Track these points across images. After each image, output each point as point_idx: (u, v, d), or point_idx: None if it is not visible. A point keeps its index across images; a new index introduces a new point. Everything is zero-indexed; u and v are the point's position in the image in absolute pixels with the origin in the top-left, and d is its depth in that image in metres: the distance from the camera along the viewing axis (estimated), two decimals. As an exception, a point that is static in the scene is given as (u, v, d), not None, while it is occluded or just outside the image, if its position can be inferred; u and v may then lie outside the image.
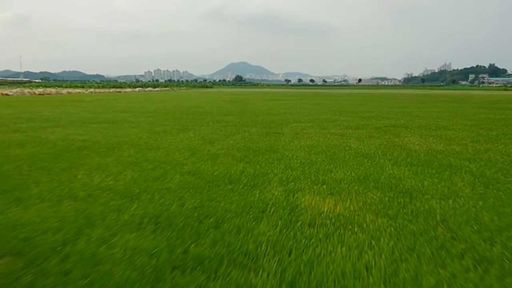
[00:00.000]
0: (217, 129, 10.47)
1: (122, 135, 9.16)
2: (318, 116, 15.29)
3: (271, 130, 10.42)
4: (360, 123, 12.21)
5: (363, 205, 3.73)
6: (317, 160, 6.04)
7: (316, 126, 11.35)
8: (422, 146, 7.49)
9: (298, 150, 7.00)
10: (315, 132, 10.05)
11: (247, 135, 9.27)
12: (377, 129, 10.56)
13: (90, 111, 16.71)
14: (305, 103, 25.84)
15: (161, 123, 12.21)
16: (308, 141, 8.21)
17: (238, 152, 6.84)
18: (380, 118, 14.73)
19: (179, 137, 8.94)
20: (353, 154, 6.63)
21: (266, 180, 4.69)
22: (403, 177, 4.87)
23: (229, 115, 15.75)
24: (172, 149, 7.23)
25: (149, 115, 15.09)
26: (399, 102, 28.81)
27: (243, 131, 10.16)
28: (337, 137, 8.95)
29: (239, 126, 11.40)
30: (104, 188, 4.38)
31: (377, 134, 9.47)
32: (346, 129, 10.58)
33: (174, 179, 4.77)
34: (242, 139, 8.60)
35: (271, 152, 6.77)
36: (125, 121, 12.56)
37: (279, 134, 9.49)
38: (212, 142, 8.14)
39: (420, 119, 14.19)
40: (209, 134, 9.40)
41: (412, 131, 10.08)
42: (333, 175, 4.96)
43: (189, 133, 9.71)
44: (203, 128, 10.83)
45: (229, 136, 9.16)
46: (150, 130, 10.34)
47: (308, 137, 9.06)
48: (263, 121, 12.85)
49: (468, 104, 27.27)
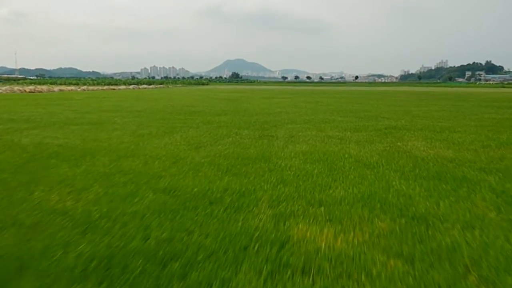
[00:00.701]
0: (207, 132, 9.75)
1: (102, 139, 8.42)
2: (314, 116, 14.59)
3: (264, 132, 9.71)
4: (359, 124, 11.52)
5: (370, 237, 3.03)
6: (313, 171, 5.33)
7: (313, 128, 10.65)
8: (429, 153, 6.80)
9: (292, 158, 6.29)
10: (312, 135, 9.35)
11: (238, 139, 8.56)
12: (377, 132, 9.87)
13: (76, 111, 15.91)
14: (302, 101, 25.11)
15: (148, 124, 11.46)
16: (304, 146, 7.51)
17: (225, 160, 6.13)
18: (380, 118, 14.05)
19: (164, 141, 8.21)
20: (353, 163, 5.93)
21: (253, 200, 3.98)
22: (413, 195, 4.17)
23: (221, 114, 15.01)
24: (153, 156, 6.51)
25: (137, 115, 14.33)
26: (397, 100, 28.14)
27: (234, 133, 9.44)
28: (336, 141, 8.26)
29: (231, 127, 10.68)
30: (59, 212, 3.66)
31: (378, 138, 8.78)
32: (344, 132, 9.89)
33: (145, 198, 4.05)
34: (232, 143, 7.89)
35: (262, 161, 6.06)
36: (110, 122, 11.80)
37: (272, 138, 8.79)
38: (199, 147, 7.42)
39: (422, 119, 13.53)
40: (197, 138, 8.68)
41: (416, 134, 9.40)
42: (332, 193, 4.25)
43: (176, 136, 8.98)
44: (192, 130, 10.10)
45: (218, 140, 8.44)
46: (134, 132, 9.60)
47: (304, 141, 8.36)
48: (256, 122, 12.13)
49: (468, 102, 26.65)
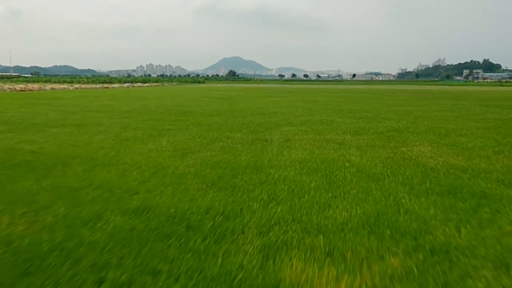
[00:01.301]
0: (196, 135, 9.10)
1: (81, 144, 7.76)
2: (312, 116, 13.97)
3: (258, 135, 9.08)
4: (359, 126, 10.90)
5: (381, 281, 2.40)
6: (310, 184, 4.70)
7: (310, 131, 10.02)
8: (438, 161, 6.18)
9: (287, 168, 5.66)
10: (309, 138, 8.73)
11: (229, 143, 7.92)
12: (379, 135, 9.25)
13: (62, 111, 15.20)
14: (299, 100, 24.48)
15: (135, 126, 10.80)
16: (300, 153, 6.88)
17: (212, 170, 5.49)
18: (380, 119, 13.44)
19: (148, 146, 7.56)
20: (355, 173, 5.30)
21: (238, 225, 3.34)
22: (428, 217, 3.55)
23: (214, 115, 14.36)
24: (132, 164, 5.86)
25: (125, 116, 13.65)
26: (396, 99, 27.56)
27: (226, 137, 8.80)
28: (335, 146, 7.63)
29: (223, 130, 10.03)
30: (2, 242, 3.01)
31: (380, 142, 8.17)
32: (344, 135, 9.27)
33: (111, 222, 3.40)
34: (222, 149, 7.25)
35: (253, 171, 5.43)
36: (95, 124, 11.12)
37: (266, 142, 8.15)
38: (185, 154, 6.77)
39: (424, 121, 12.93)
40: (185, 142, 8.03)
41: (420, 138, 8.79)
42: (333, 214, 3.62)
43: (162, 140, 8.32)
44: (181, 133, 9.45)
45: (207, 144, 7.80)
46: (118, 135, 8.94)
47: (300, 145, 7.73)
48: (250, 124, 11.49)
49: (469, 101, 26.10)
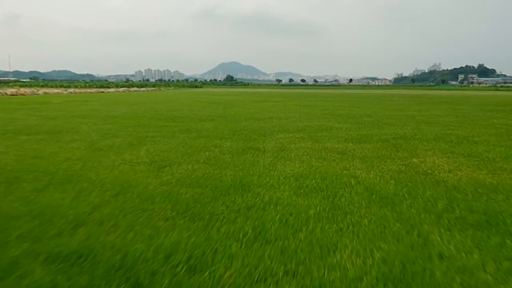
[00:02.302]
0: (182, 143, 8.13)
1: (45, 155, 6.77)
2: (309, 122, 13.02)
3: (250, 144, 8.11)
4: (361, 133, 9.95)
5: None
6: (309, 211, 3.72)
7: (308, 138, 9.07)
8: (460, 176, 5.22)
9: (280, 186, 4.69)
10: (307, 147, 7.77)
11: (217, 153, 6.95)
12: (384, 143, 8.30)
13: (43, 116, 14.19)
14: (295, 105, 23.57)
15: (116, 132, 9.81)
16: (297, 165, 5.92)
17: (189, 190, 4.51)
18: (382, 124, 12.52)
19: (122, 157, 6.58)
20: (364, 194, 4.33)
21: (207, 282, 2.36)
22: (474, 267, 2.55)
23: (206, 120, 13.41)
24: (95, 182, 4.88)
25: (110, 121, 12.67)
26: (396, 104, 26.71)
27: (214, 146, 7.83)
28: (336, 157, 6.67)
29: (212, 137, 9.07)
30: None
31: (387, 152, 7.22)
32: (345, 143, 8.32)
33: (25, 278, 2.41)
34: (207, 161, 6.28)
35: (238, 191, 4.45)
36: (73, 131, 10.13)
37: (259, 152, 7.19)
38: (163, 167, 5.79)
39: (430, 126, 12.02)
40: (166, 152, 7.05)
41: (431, 146, 7.85)
42: (340, 262, 2.63)
43: (141, 150, 7.34)
44: (165, 141, 8.47)
45: (192, 155, 6.82)
46: (93, 144, 7.96)
47: (297, 156, 6.77)
48: (243, 130, 10.54)
49: (470, 106, 25.28)
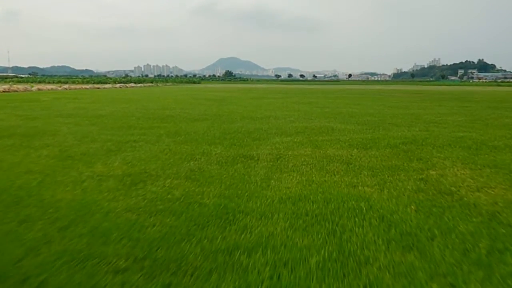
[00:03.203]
0: (165, 150, 7.23)
1: (5, 165, 5.88)
2: (309, 122, 12.11)
3: (242, 150, 7.22)
4: (366, 136, 9.05)
5: None
6: (310, 259, 2.81)
7: (307, 143, 8.17)
8: (494, 197, 4.31)
9: (273, 215, 3.77)
10: (306, 154, 6.88)
11: (203, 164, 6.05)
12: (393, 149, 7.40)
13: (24, 116, 13.25)
14: (294, 102, 22.64)
15: (95, 136, 8.90)
16: (295, 181, 5.02)
17: (158, 220, 3.61)
18: (387, 125, 11.62)
19: (93, 169, 5.67)
20: (380, 227, 3.43)
21: None
22: None
23: (198, 120, 12.50)
24: (47, 206, 3.98)
25: (94, 122, 11.75)
26: (398, 101, 25.78)
27: (201, 153, 6.94)
28: (340, 168, 5.78)
29: (201, 142, 8.17)
30: None
31: (398, 161, 6.31)
32: (349, 149, 7.42)
33: None
34: (189, 175, 5.37)
35: (220, 223, 3.54)
36: (49, 133, 9.22)
37: (251, 161, 6.29)
38: (135, 183, 4.89)
39: (439, 128, 11.12)
40: (145, 162, 6.15)
41: (447, 154, 6.95)
42: None
43: (118, 158, 6.45)
44: (147, 147, 7.57)
45: (173, 165, 5.92)
46: (65, 151, 7.06)
47: (295, 166, 5.88)
48: (237, 132, 9.64)
49: (475, 103, 24.38)
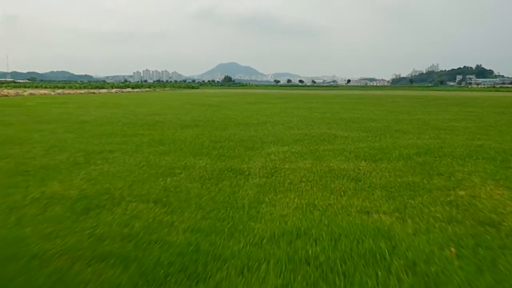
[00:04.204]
0: (141, 162, 6.19)
1: None
2: (309, 129, 11.09)
3: (232, 162, 6.18)
4: (373, 146, 8.02)
5: None
6: None
7: (307, 153, 7.13)
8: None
9: (260, 266, 2.72)
10: (306, 168, 5.84)
11: (181, 181, 5.01)
12: (407, 161, 6.36)
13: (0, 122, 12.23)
14: (293, 108, 21.63)
15: (68, 145, 7.87)
16: (292, 205, 3.98)
17: (92, 275, 2.56)
18: (394, 132, 10.62)
19: (45, 188, 4.63)
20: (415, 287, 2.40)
21: None
22: None
23: (189, 127, 11.48)
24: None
25: (74, 129, 10.73)
26: (400, 106, 24.81)
27: (183, 166, 5.90)
28: (347, 187, 4.74)
29: (186, 152, 7.14)
30: None
31: (417, 178, 5.26)
32: (356, 161, 6.38)
33: None
34: (161, 196, 4.33)
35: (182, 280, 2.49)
36: (16, 142, 8.20)
37: (241, 177, 5.25)
38: (88, 210, 3.84)
39: (451, 135, 10.12)
40: (112, 178, 5.11)
41: (471, 167, 5.91)
42: None
43: (81, 173, 5.40)
44: (122, 158, 6.53)
45: (145, 183, 4.88)
46: (24, 164, 6.02)
47: (292, 185, 4.84)
48: (229, 140, 8.62)
49: (479, 108, 23.41)
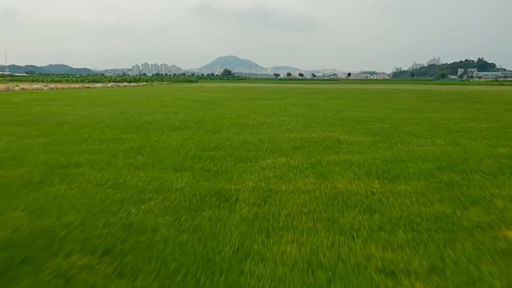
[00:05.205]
0: (108, 182, 5.11)
1: None
2: (309, 132, 9.99)
3: (216, 182, 5.10)
4: (384, 156, 6.92)
5: None
6: None
7: (309, 167, 6.03)
8: None
9: None
10: (307, 190, 4.76)
11: (147, 215, 3.93)
12: (430, 181, 5.25)
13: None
14: (292, 104, 20.48)
15: (33, 155, 6.80)
16: (289, 263, 2.91)
17: None
18: (403, 135, 9.54)
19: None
20: None
21: None
22: None
23: (177, 129, 10.40)
24: None
25: (48, 132, 9.64)
26: (404, 102, 23.65)
27: (156, 188, 4.82)
28: (361, 224, 3.66)
29: (166, 165, 6.06)
30: None
31: (448, 208, 4.17)
32: (367, 179, 5.29)
33: None
34: (113, 244, 3.25)
35: None
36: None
37: (225, 205, 4.17)
38: (1, 273, 2.76)
39: (468, 139, 9.03)
40: (62, 209, 4.03)
41: (510, 188, 4.82)
42: None
43: (26, 201, 4.35)
44: (87, 175, 5.45)
45: (100, 217, 3.80)
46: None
47: (290, 221, 3.77)
48: (218, 148, 7.55)
49: (488, 104, 22.28)
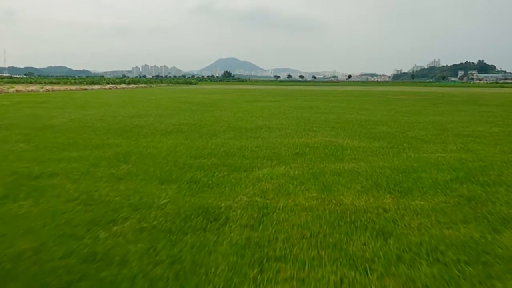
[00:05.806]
0: (81, 196, 4.47)
1: None
2: (311, 137, 9.36)
3: (205, 198, 4.46)
4: (394, 165, 6.28)
5: None
6: None
7: (310, 179, 5.39)
8: None
9: None
10: (309, 207, 4.13)
11: (118, 240, 3.29)
12: (449, 196, 4.61)
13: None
14: (293, 107, 19.86)
15: (7, 163, 6.21)
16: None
17: None
18: (412, 140, 8.93)
19: None
20: None
21: None
22: None
23: (170, 133, 9.78)
24: None
25: (31, 137, 9.03)
26: (407, 105, 23.03)
27: (134, 205, 4.19)
28: (374, 253, 3.02)
29: (151, 175, 5.44)
30: None
31: (475, 231, 3.52)
32: (378, 194, 4.65)
33: None
34: (71, 283, 2.60)
35: None
36: None
37: (212, 228, 3.53)
38: None
39: (481, 145, 8.42)
40: (20, 233, 3.39)
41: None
42: None
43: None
44: (59, 188, 4.82)
45: (64, 241, 3.18)
46: None
47: (288, 248, 3.14)
48: (211, 155, 6.93)
49: (493, 107, 21.68)
